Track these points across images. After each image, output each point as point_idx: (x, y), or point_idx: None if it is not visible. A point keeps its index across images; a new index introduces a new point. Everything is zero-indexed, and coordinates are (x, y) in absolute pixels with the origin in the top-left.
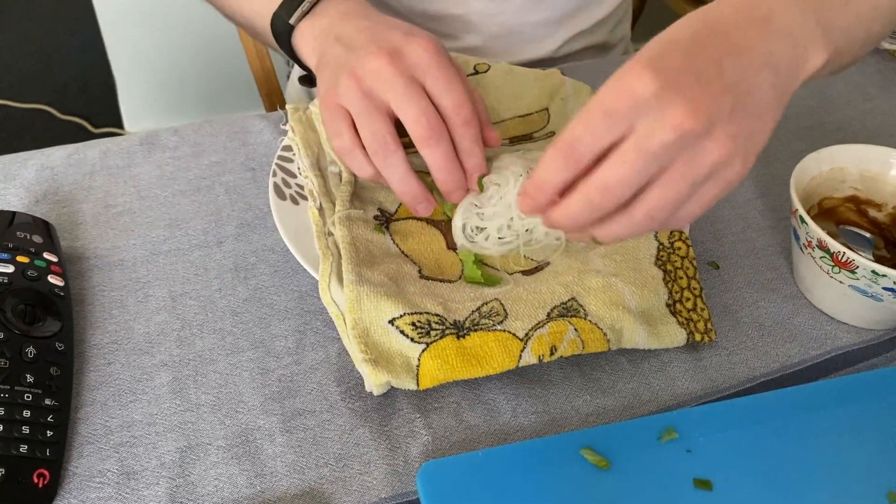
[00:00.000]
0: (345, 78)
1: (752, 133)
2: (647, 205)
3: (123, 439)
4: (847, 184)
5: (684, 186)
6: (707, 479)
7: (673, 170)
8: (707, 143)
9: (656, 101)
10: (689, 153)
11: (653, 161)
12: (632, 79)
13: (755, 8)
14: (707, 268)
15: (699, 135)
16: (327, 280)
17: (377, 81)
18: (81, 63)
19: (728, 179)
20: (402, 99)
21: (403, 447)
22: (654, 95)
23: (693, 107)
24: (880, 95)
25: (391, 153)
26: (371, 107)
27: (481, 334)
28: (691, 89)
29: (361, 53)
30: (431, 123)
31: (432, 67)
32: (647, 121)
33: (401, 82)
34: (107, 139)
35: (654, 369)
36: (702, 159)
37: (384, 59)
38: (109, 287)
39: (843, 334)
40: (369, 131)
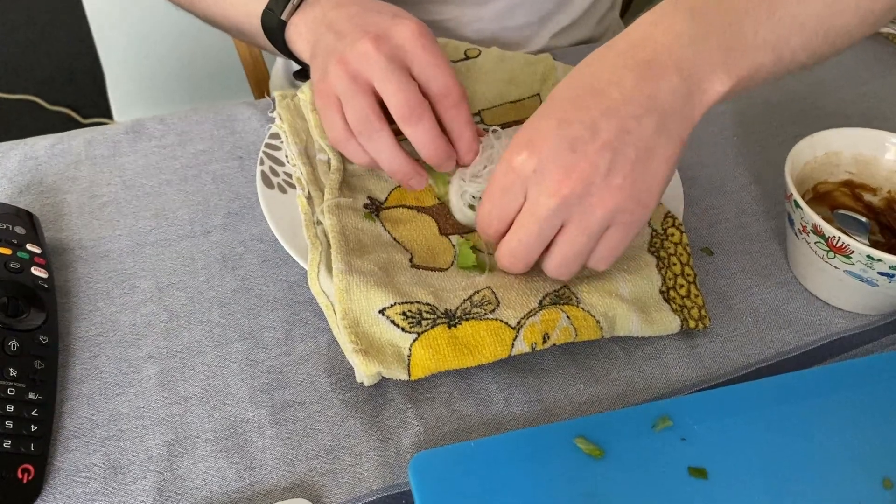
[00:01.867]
0: (333, 64)
1: (642, 176)
2: (554, 259)
3: (110, 433)
4: (842, 168)
5: (582, 239)
6: (702, 467)
7: (569, 227)
8: (590, 199)
9: (535, 175)
10: (579, 211)
11: (546, 223)
12: (513, 158)
13: (639, 50)
14: (701, 254)
15: (580, 195)
16: (316, 270)
17: (363, 64)
18: (69, 53)
19: (627, 223)
20: (382, 77)
21: (395, 438)
22: (534, 170)
23: (566, 174)
24: (874, 79)
25: (375, 131)
26: (355, 88)
27: (473, 323)
28: (565, 158)
29: (349, 39)
30: (411, 100)
31: (417, 49)
32: (533, 191)
33: (383, 61)
34: (91, 128)
35: (648, 357)
36: (590, 215)
37: (370, 42)
38: (95, 278)
39: (838, 320)
40: (352, 111)
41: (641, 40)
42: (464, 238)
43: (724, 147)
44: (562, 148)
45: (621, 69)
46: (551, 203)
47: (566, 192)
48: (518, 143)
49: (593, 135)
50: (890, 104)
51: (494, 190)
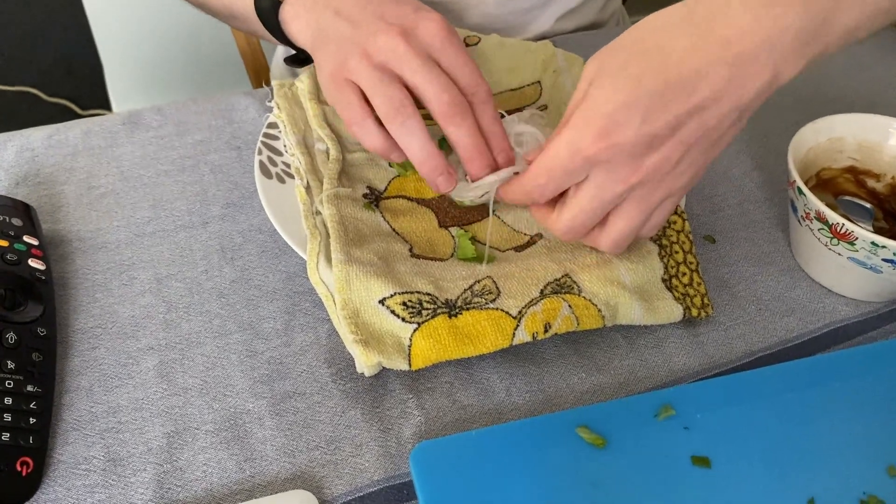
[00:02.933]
0: (355, 56)
1: (706, 160)
2: (610, 236)
3: (109, 425)
4: (845, 154)
5: (640, 218)
6: (705, 456)
7: (628, 206)
8: (654, 185)
9: (608, 164)
10: (641, 192)
11: (609, 204)
12: (585, 145)
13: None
14: (703, 242)
15: (648, 182)
16: (315, 260)
17: (391, 58)
18: (67, 44)
19: (680, 196)
20: (421, 76)
21: (396, 428)
22: (608, 160)
23: (640, 166)
24: (878, 65)
25: (409, 117)
26: (384, 76)
27: (474, 313)
28: (640, 153)
29: (371, 30)
30: (455, 98)
31: (446, 45)
32: (601, 176)
33: (418, 60)
34: (88, 119)
35: (651, 345)
36: (652, 197)
37: (397, 37)
38: (93, 270)
39: (841, 307)
40: (383, 97)
41: (746, 28)
42: (463, 230)
43: None
44: (641, 144)
45: (716, 63)
46: (619, 189)
47: (635, 181)
48: (594, 130)
49: (674, 132)
50: (894, 89)
51: (556, 169)
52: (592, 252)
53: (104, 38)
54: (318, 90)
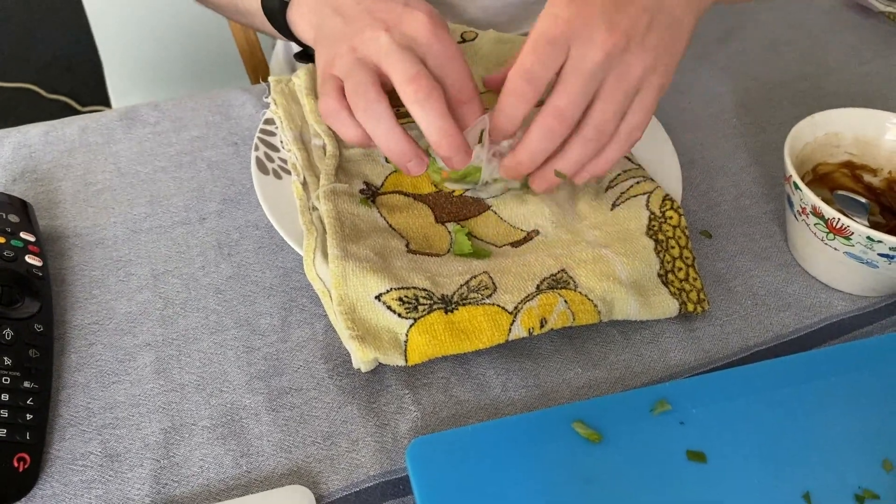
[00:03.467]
0: (343, 51)
1: (671, 42)
2: (594, 120)
3: (106, 421)
4: (842, 149)
5: (620, 96)
6: (700, 451)
7: (607, 85)
8: (629, 56)
9: (584, 28)
10: (618, 69)
11: (591, 79)
12: (565, 11)
13: None
14: (700, 237)
15: (622, 50)
16: (312, 256)
17: (372, 48)
18: (66, 41)
19: (656, 86)
20: (392, 59)
21: (392, 424)
22: (584, 24)
23: (613, 26)
24: (876, 59)
25: (373, 102)
26: (358, 64)
27: (470, 308)
28: (610, 14)
29: (359, 26)
30: (420, 76)
31: (433, 42)
32: (579, 45)
33: (394, 46)
34: (85, 115)
35: (647, 341)
36: (629, 72)
37: (380, 30)
38: (90, 266)
39: (837, 302)
40: (351, 83)
41: None
42: (459, 225)
43: (723, 129)
44: (608, 4)
45: None
46: (598, 56)
47: (610, 46)
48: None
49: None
50: (891, 84)
51: (540, 42)
52: (589, 247)
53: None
54: (314, 86)
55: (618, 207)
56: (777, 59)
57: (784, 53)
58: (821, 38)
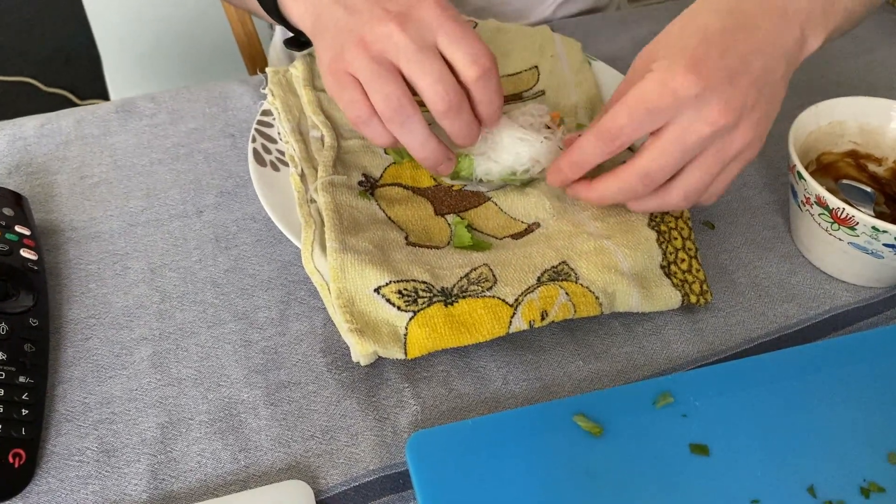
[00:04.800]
0: (351, 44)
1: (768, 116)
2: (683, 186)
3: (102, 416)
4: (846, 138)
5: (716, 169)
6: (703, 444)
7: (706, 155)
8: (735, 133)
9: (696, 101)
10: (720, 143)
11: (690, 152)
12: (677, 81)
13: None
14: (702, 228)
15: (730, 128)
16: (310, 248)
17: (388, 47)
18: (64, 34)
19: (748, 158)
20: (415, 66)
21: (392, 418)
22: (696, 96)
23: (726, 105)
24: (880, 47)
25: (408, 117)
26: (381, 70)
27: (470, 301)
28: (725, 89)
29: (366, 17)
30: (450, 93)
31: (443, 22)
32: (686, 117)
33: (413, 47)
34: (81, 107)
35: (649, 333)
36: (730, 147)
37: (393, 23)
38: (86, 260)
39: (842, 293)
40: (381, 95)
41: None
42: (459, 217)
43: None
44: (724, 78)
45: (763, 13)
46: (706, 131)
47: (722, 124)
48: (680, 67)
49: (746, 68)
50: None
51: (639, 108)
52: (590, 239)
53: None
54: (312, 76)
55: None
56: None
57: None
58: None
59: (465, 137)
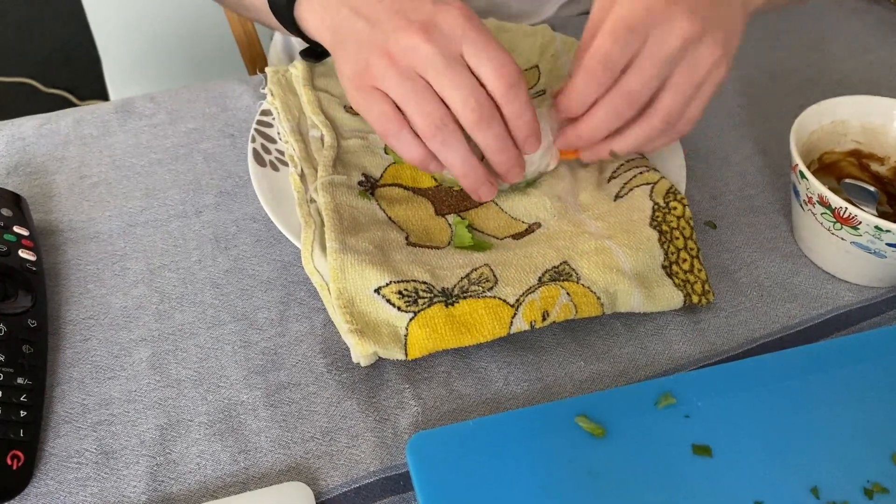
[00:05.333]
0: (377, 58)
1: (731, 37)
2: (663, 108)
3: (101, 417)
4: (849, 137)
5: (690, 88)
6: (706, 444)
7: (678, 75)
8: (702, 48)
9: (665, 14)
10: (690, 58)
11: (665, 66)
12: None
13: None
14: (704, 228)
15: (697, 40)
16: (310, 249)
17: (415, 60)
18: (64, 34)
19: (718, 79)
20: (445, 79)
21: (392, 419)
22: (664, 9)
23: (692, 15)
24: (882, 46)
25: (450, 133)
26: (416, 87)
27: (471, 301)
28: (689, 4)
29: (389, 29)
30: (481, 104)
31: (468, 32)
32: (659, 32)
33: (441, 60)
34: (80, 108)
35: (651, 333)
36: (701, 62)
37: (418, 34)
38: (85, 261)
39: (844, 293)
40: (421, 114)
41: None
42: (460, 217)
43: (727, 118)
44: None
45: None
46: (676, 43)
47: (689, 34)
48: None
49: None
50: None
51: (620, 27)
52: (592, 239)
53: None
54: (312, 76)
55: (621, 198)
56: (781, 47)
57: (788, 42)
58: (826, 26)
59: (501, 153)
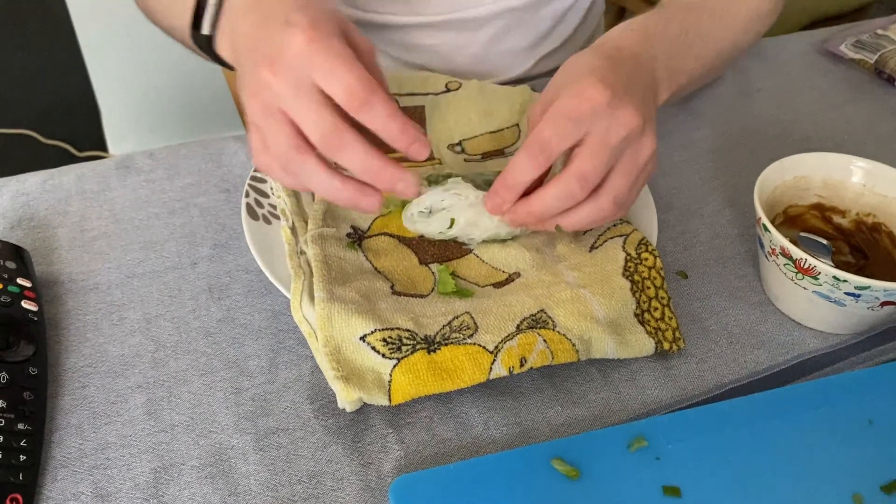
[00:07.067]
0: (246, 97)
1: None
2: (613, 191)
3: (97, 462)
4: (811, 191)
5: (635, 173)
6: (676, 486)
7: (624, 160)
8: (644, 139)
9: (608, 108)
10: (635, 146)
11: (613, 153)
12: (589, 91)
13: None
14: (676, 277)
15: (640, 132)
16: (299, 298)
17: (268, 94)
18: (64, 86)
19: (651, 171)
20: (293, 111)
21: (376, 463)
22: (608, 103)
23: (635, 109)
24: (846, 104)
25: (301, 163)
26: (270, 120)
27: (452, 348)
28: (629, 97)
29: (251, 66)
30: (326, 129)
31: (312, 57)
32: (603, 123)
33: (288, 91)
34: (82, 164)
35: (624, 378)
36: (642, 152)
37: (267, 70)
38: (84, 311)
39: (810, 339)
40: (272, 146)
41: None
42: (443, 265)
43: (698, 172)
44: (624, 90)
45: (626, 59)
46: (623, 132)
47: (635, 124)
48: (588, 83)
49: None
50: (861, 128)
51: (561, 119)
52: (568, 288)
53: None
54: None
55: (596, 249)
56: (752, 104)
57: (758, 99)
58: (794, 84)
59: (371, 173)
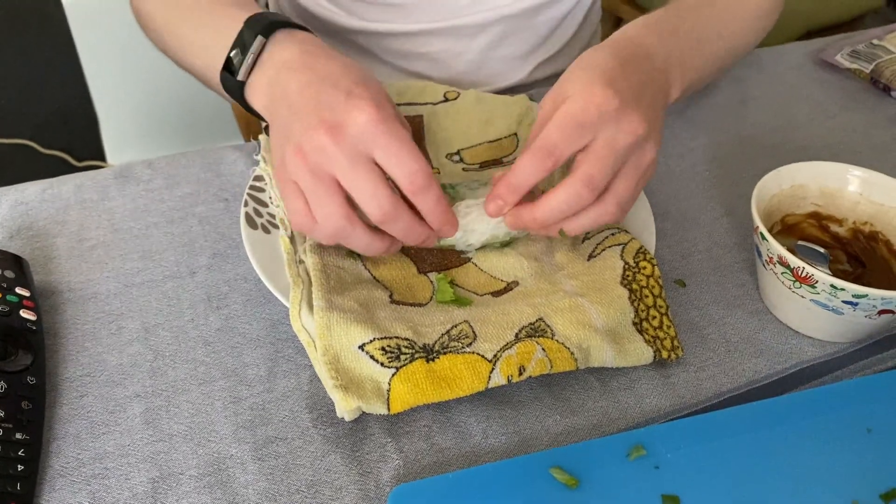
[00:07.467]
0: (290, 153)
1: (659, 140)
2: (617, 195)
3: (95, 471)
4: (808, 200)
5: (638, 176)
6: (675, 494)
7: (628, 166)
8: (647, 146)
9: (616, 115)
10: (638, 152)
11: (619, 158)
12: (598, 97)
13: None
14: (674, 286)
15: (645, 139)
16: (298, 307)
17: (322, 159)
18: (62, 97)
19: (650, 176)
20: (349, 182)
21: (375, 472)
22: (616, 110)
23: (642, 117)
24: (842, 113)
25: (349, 234)
26: (321, 185)
27: (450, 357)
28: (636, 104)
29: (303, 126)
30: (384, 206)
31: (378, 137)
32: (610, 129)
33: (346, 162)
34: (81, 173)
35: (623, 387)
36: (644, 158)
37: (326, 135)
38: (83, 320)
39: (808, 348)
40: (322, 214)
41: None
42: (442, 274)
43: (696, 181)
44: (633, 97)
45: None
46: (629, 139)
47: (641, 132)
48: (598, 87)
49: (644, 93)
50: (858, 137)
51: (569, 124)
52: (566, 297)
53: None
54: None
55: (594, 258)
56: (748, 113)
57: (755, 108)
58: (790, 93)
59: (412, 240)
